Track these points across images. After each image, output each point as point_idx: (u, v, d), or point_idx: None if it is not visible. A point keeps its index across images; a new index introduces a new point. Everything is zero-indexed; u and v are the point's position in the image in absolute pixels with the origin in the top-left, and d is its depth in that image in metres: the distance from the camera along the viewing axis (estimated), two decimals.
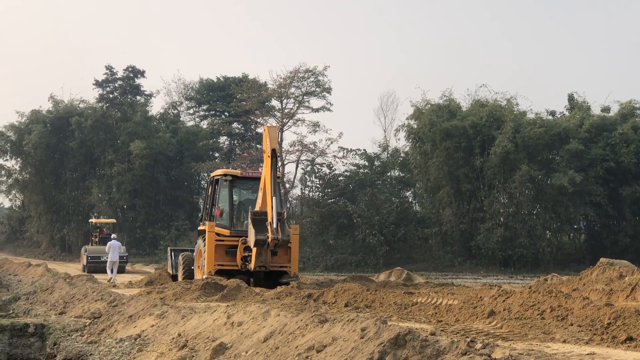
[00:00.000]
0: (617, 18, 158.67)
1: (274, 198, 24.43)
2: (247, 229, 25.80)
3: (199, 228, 29.90)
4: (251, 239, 25.04)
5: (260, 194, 26.16)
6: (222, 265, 26.68)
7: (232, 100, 76.71)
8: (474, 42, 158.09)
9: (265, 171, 26.24)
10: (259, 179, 27.08)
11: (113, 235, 38.99)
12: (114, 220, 61.44)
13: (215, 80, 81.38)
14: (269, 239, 24.24)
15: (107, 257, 37.17)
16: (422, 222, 66.10)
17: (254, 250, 25.23)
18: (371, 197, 64.19)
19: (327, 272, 55.92)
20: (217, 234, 27.10)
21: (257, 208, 25.85)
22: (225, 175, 28.47)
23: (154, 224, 73.90)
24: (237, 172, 29.66)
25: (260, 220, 24.82)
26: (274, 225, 24.01)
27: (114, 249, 35.71)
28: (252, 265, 25.64)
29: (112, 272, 35.62)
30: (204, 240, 27.47)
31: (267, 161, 26.15)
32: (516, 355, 7.07)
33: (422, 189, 68.31)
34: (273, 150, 25.75)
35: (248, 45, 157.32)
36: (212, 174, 30.42)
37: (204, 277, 26.31)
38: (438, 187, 63.48)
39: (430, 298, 17.37)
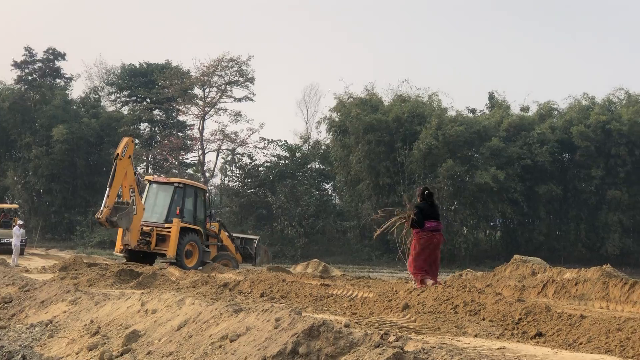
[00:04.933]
0: (538, 19, 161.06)
1: (108, 189, 30.37)
2: (149, 218, 31.64)
3: None
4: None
5: (125, 190, 31.29)
6: (127, 245, 31.27)
7: (155, 86, 76.06)
8: (397, 38, 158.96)
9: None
10: (164, 183, 33.33)
11: (20, 222, 38.97)
12: (16, 206, 60.63)
13: (137, 66, 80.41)
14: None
15: (6, 240, 38.76)
16: (341, 215, 66.41)
17: (119, 231, 31.24)
18: (291, 188, 64.30)
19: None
20: None
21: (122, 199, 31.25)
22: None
23: (71, 209, 72.81)
24: (151, 177, 35.36)
25: (116, 207, 30.44)
26: (101, 208, 30.16)
27: (15, 235, 36.07)
28: (117, 245, 31.89)
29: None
30: None
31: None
32: (428, 349, 7.13)
33: (342, 182, 68.64)
34: (117, 155, 30.94)
35: (172, 31, 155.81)
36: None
37: (114, 253, 34.60)
38: (358, 180, 63.80)
39: (346, 290, 17.43)
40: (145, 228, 31.14)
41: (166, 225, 31.12)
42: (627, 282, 15.06)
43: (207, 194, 34.40)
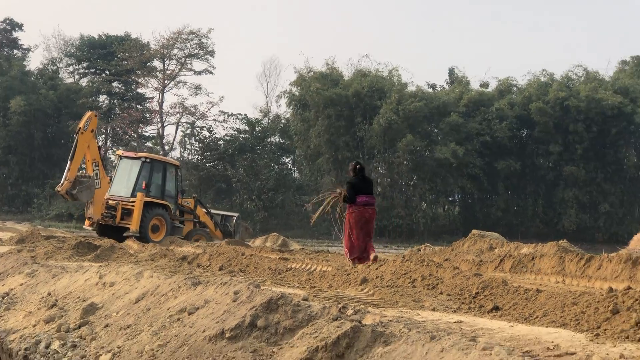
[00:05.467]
0: None
1: (69, 162, 31.57)
2: (118, 192, 31.95)
3: None
4: None
5: (88, 164, 32.58)
6: (91, 218, 32.22)
7: (113, 58, 75.34)
8: (358, 12, 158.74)
9: None
10: (132, 157, 33.13)
11: None
12: None
13: (96, 37, 79.41)
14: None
15: None
16: (301, 189, 66.47)
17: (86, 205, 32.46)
18: (250, 162, 64.24)
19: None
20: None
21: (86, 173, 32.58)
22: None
23: (28, 182, 72.07)
24: (121, 151, 35.46)
25: (79, 181, 31.76)
26: (62, 181, 31.56)
27: None
28: (87, 220, 32.68)
29: None
30: None
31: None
32: (386, 322, 7.17)
33: (302, 156, 68.67)
34: (79, 129, 31.96)
35: (132, 3, 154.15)
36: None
37: (84, 227, 35.59)
38: (317, 155, 63.84)
39: (305, 264, 17.48)
40: (111, 202, 31.42)
41: (131, 199, 31.22)
42: (583, 257, 15.24)
43: (179, 170, 34.31)
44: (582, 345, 7.01)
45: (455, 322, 8.92)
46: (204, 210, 34.89)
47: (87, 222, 32.87)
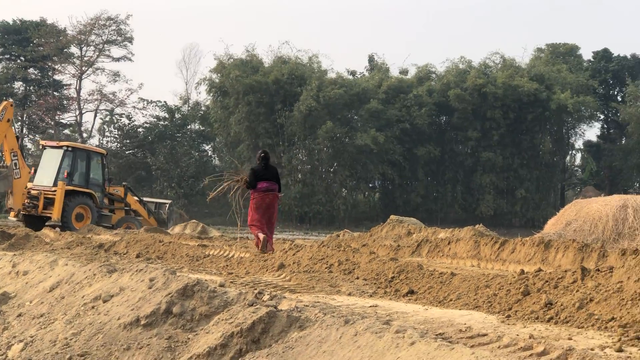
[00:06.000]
0: None
1: None
2: (41, 182, 31.29)
3: None
4: None
5: (6, 154, 32.05)
6: (11, 209, 32.23)
7: (29, 44, 74.01)
8: None
9: None
10: (54, 147, 32.70)
11: None
12: None
13: (10, 22, 77.84)
14: None
15: None
16: (221, 177, 66.26)
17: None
18: (170, 149, 63.89)
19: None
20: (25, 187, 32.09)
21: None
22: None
23: None
24: (44, 141, 35.57)
25: None
26: None
27: None
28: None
29: None
30: None
31: None
32: (302, 307, 7.21)
33: (222, 143, 68.51)
34: None
35: None
36: None
37: (10, 218, 34.79)
38: (238, 142, 63.72)
39: (223, 251, 17.46)
40: (33, 192, 30.98)
41: (54, 188, 30.76)
42: (498, 241, 15.51)
43: (105, 158, 33.77)
44: (494, 327, 7.14)
45: (370, 306, 9.00)
46: (136, 198, 34.58)
47: (12, 213, 32.44)
